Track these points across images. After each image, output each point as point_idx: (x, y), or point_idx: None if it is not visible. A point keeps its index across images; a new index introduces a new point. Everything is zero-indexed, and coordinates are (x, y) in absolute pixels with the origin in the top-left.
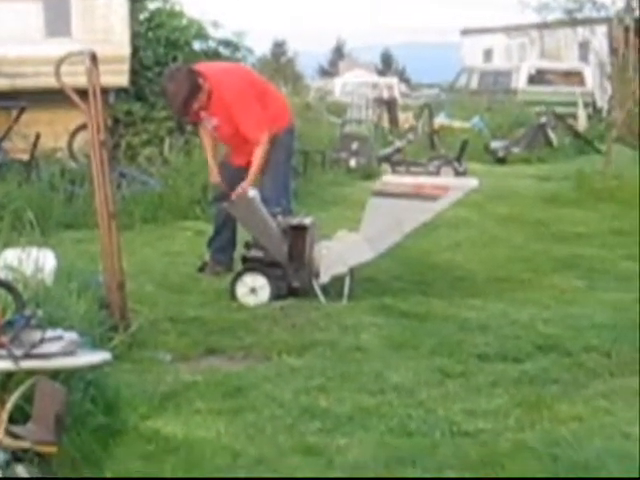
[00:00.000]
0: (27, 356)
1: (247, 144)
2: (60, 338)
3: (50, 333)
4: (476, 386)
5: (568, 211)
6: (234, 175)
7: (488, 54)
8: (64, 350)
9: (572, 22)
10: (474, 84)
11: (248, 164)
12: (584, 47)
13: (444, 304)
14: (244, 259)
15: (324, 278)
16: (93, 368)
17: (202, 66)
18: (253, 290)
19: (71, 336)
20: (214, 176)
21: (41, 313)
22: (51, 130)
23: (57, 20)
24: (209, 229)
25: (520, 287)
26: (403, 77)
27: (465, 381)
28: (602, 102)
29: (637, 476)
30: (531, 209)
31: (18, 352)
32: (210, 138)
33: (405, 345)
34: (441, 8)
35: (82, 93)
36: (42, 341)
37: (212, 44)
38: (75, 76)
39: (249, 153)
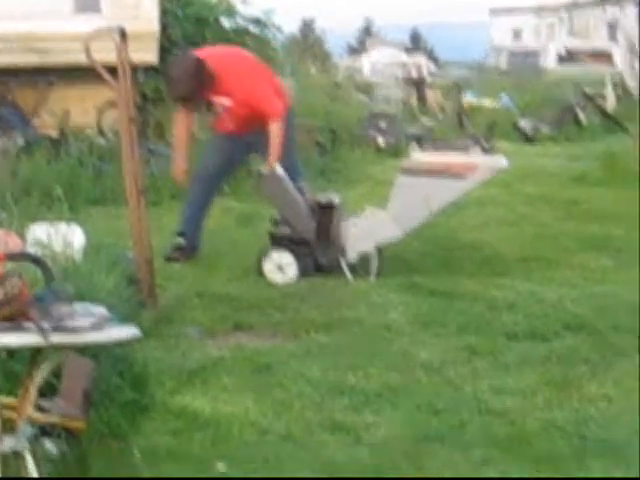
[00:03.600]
0: (56, 330)
1: (254, 123)
2: (89, 313)
3: (79, 308)
4: (504, 364)
5: (597, 191)
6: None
7: (517, 33)
8: (93, 325)
9: (601, 1)
10: (503, 63)
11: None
12: (613, 27)
13: (472, 283)
14: (272, 236)
15: (351, 256)
16: (122, 343)
17: (206, 51)
18: (280, 267)
19: (100, 311)
20: (181, 164)
21: (70, 288)
22: (80, 107)
23: (86, 1)
24: (237, 206)
25: (548, 266)
26: (432, 56)
27: (493, 359)
28: (631, 82)
29: (637, 476)
30: (560, 188)
31: (47, 326)
32: (186, 129)
33: (433, 323)
34: None
35: (111, 70)
36: (71, 316)
37: (241, 22)
38: (104, 53)
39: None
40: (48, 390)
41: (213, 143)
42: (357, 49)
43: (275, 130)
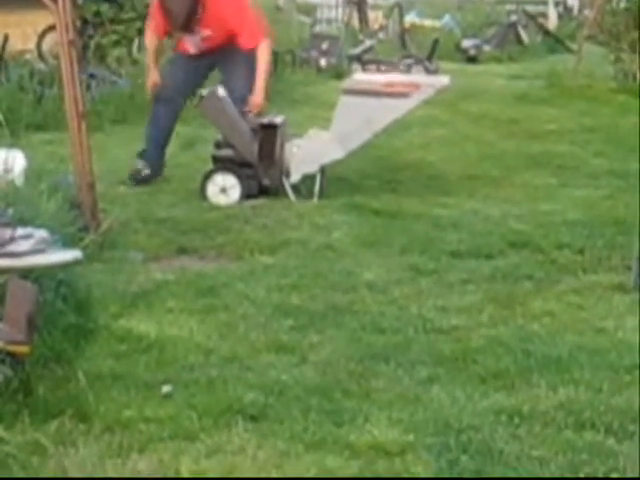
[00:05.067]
0: None
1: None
2: (30, 236)
3: (20, 231)
4: (448, 283)
5: (539, 109)
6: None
7: None
8: (35, 248)
9: None
10: None
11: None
12: None
13: (416, 202)
14: (214, 159)
15: (295, 177)
16: (64, 266)
17: None
18: (224, 190)
19: (41, 234)
20: (154, 76)
21: (11, 212)
22: (19, 32)
23: None
24: (180, 130)
25: (492, 185)
26: None
27: (437, 278)
28: (573, 1)
29: (637, 476)
30: (502, 107)
31: None
32: (156, 40)
33: (377, 243)
34: None
35: None
36: (12, 239)
37: None
38: None
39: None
40: None
41: (176, 62)
42: None
43: (264, 56)
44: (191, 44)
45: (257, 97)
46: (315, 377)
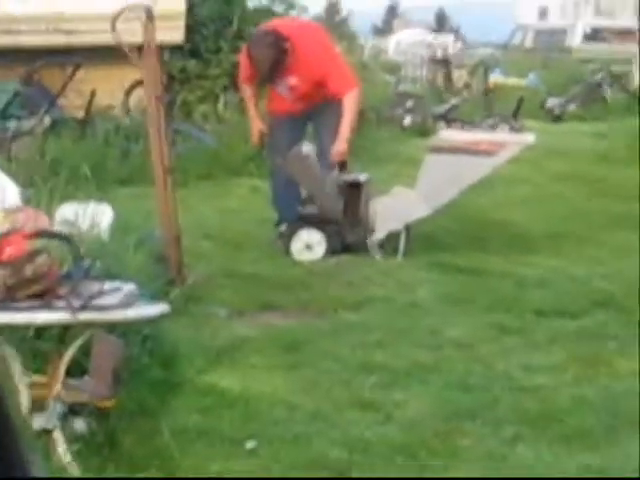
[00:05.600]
0: (85, 308)
1: (315, 99)
2: (118, 290)
3: (108, 285)
4: (534, 342)
5: (624, 168)
6: (285, 125)
7: (543, 12)
8: (122, 302)
9: None
10: (529, 42)
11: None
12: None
13: (501, 260)
14: (299, 215)
15: (379, 234)
16: (151, 320)
17: (281, 26)
18: (308, 246)
19: (129, 288)
20: (257, 124)
21: (98, 265)
22: (106, 87)
23: None
24: (264, 186)
25: (577, 243)
26: (457, 35)
27: (523, 336)
28: None
29: (637, 476)
30: (587, 166)
31: (76, 304)
32: (249, 89)
33: (462, 301)
34: None
35: (138, 49)
36: (100, 293)
37: (266, 1)
38: (131, 32)
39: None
40: (77, 368)
41: (274, 127)
42: (383, 29)
43: (351, 104)
44: (280, 94)
45: (340, 145)
46: (400, 435)
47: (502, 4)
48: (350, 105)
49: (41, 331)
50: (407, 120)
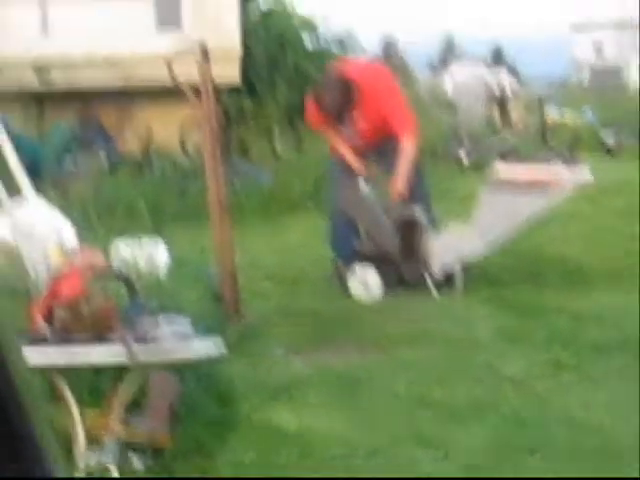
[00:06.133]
0: (141, 345)
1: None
2: (174, 327)
3: (164, 322)
4: (592, 378)
5: None
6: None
7: (599, 47)
8: (178, 339)
9: None
10: (585, 79)
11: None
12: None
13: (557, 296)
14: (356, 252)
15: (436, 271)
16: (207, 358)
17: (348, 69)
18: (365, 283)
19: (185, 325)
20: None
21: (154, 302)
22: (163, 126)
23: (168, 15)
24: (321, 223)
25: (634, 278)
26: (514, 72)
27: (580, 372)
28: None
29: (637, 476)
30: None
31: (132, 341)
32: (337, 135)
33: (518, 337)
34: (551, 2)
35: (194, 89)
36: (156, 329)
37: (323, 42)
38: (187, 72)
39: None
40: (133, 405)
41: (340, 165)
42: (438, 64)
43: (408, 147)
44: (346, 136)
45: (398, 183)
46: (458, 471)
47: (558, 39)
48: (409, 146)
49: (97, 369)
50: (463, 156)
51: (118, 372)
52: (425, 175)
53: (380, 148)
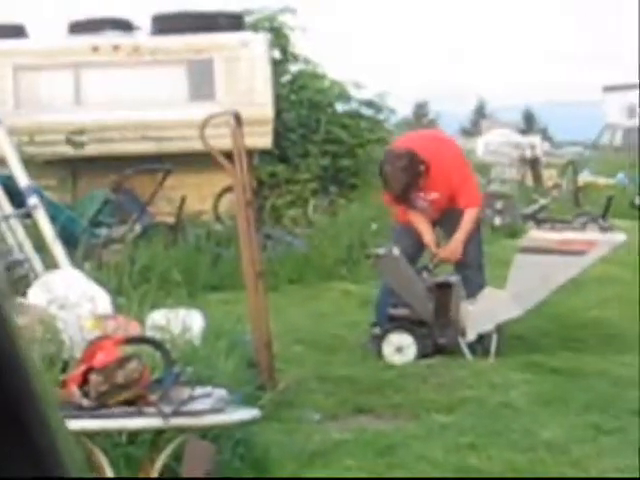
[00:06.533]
0: (176, 413)
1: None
2: (209, 395)
3: (199, 390)
4: (631, 442)
5: None
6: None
7: (631, 110)
8: (213, 407)
9: None
10: (618, 141)
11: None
12: None
13: (595, 360)
14: (390, 317)
15: (471, 335)
16: (242, 425)
17: (415, 144)
18: (400, 349)
19: (220, 393)
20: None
21: (190, 371)
22: (197, 193)
23: (201, 83)
24: (355, 289)
25: None
26: (546, 135)
27: (620, 437)
28: None
29: (637, 476)
30: None
31: (167, 409)
32: (415, 213)
33: (556, 401)
34: (581, 65)
35: (227, 155)
36: (191, 398)
37: (354, 105)
38: (220, 138)
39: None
40: (170, 474)
41: (402, 233)
42: (471, 130)
43: (471, 217)
44: (419, 208)
45: (453, 247)
46: None
47: (589, 103)
48: (472, 217)
49: (133, 437)
50: (497, 220)
51: (153, 441)
52: (482, 243)
53: (446, 215)
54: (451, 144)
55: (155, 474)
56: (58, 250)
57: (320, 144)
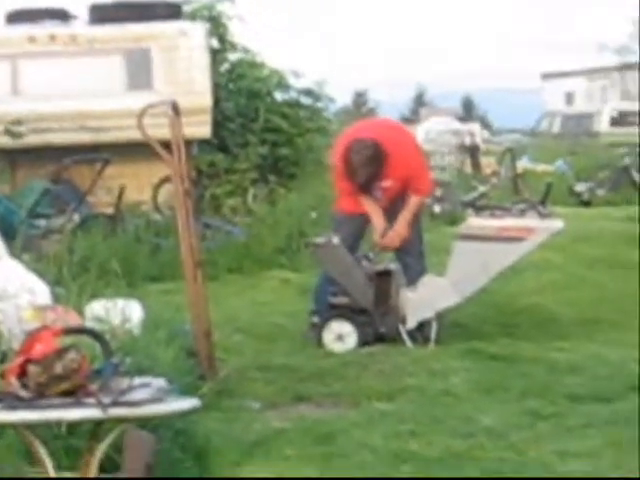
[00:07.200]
0: (115, 404)
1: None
2: (148, 385)
3: (138, 380)
4: (568, 427)
5: None
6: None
7: (569, 97)
8: (152, 397)
9: None
10: (556, 128)
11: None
12: None
13: (532, 346)
14: (331, 306)
15: (411, 323)
16: (182, 415)
17: (373, 132)
18: (340, 337)
19: (159, 383)
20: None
21: (129, 361)
22: (135, 183)
23: (139, 73)
24: (294, 278)
25: (609, 328)
26: (485, 123)
27: (557, 422)
28: None
29: (637, 476)
30: (618, 250)
31: (106, 400)
32: (371, 200)
33: (494, 388)
34: (520, 52)
35: (165, 145)
36: (130, 388)
37: (293, 94)
38: (158, 128)
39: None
40: (110, 464)
41: (342, 222)
42: (411, 118)
43: (415, 204)
44: (374, 197)
45: (396, 233)
46: None
47: (528, 91)
48: (416, 204)
49: (73, 428)
50: (436, 208)
51: (93, 432)
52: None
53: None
54: (407, 132)
55: (95, 465)
56: None
57: (259, 133)
